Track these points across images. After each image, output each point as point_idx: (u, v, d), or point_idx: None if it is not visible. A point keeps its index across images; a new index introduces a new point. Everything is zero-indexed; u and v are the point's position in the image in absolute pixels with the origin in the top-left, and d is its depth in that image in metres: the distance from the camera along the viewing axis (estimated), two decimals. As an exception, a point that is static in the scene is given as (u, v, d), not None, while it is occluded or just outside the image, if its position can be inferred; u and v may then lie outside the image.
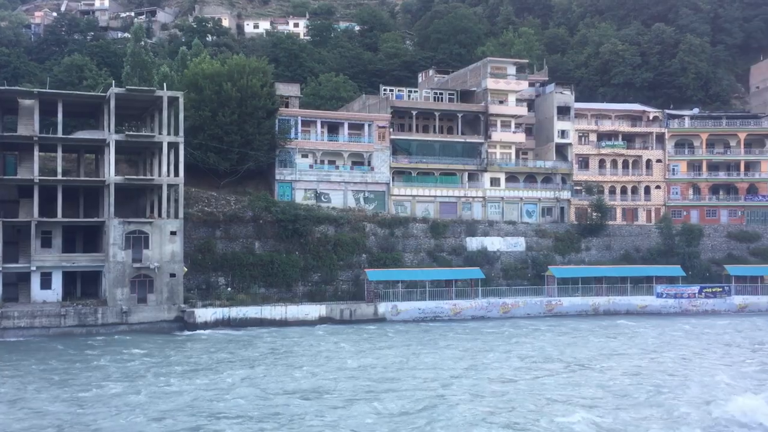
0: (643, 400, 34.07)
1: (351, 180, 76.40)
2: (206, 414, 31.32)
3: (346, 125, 77.85)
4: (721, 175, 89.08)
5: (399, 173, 78.93)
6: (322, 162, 76.62)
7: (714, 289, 69.75)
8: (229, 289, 63.18)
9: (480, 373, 40.01)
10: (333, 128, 78.13)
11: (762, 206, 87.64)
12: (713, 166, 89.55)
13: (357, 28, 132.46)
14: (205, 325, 56.59)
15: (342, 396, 34.92)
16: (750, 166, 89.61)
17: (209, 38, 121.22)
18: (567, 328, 57.80)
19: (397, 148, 79.39)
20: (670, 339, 53.09)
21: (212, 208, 66.99)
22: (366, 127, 77.97)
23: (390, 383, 37.68)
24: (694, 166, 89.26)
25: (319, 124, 77.19)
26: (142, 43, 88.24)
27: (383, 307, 62.62)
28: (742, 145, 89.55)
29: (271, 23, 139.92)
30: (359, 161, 77.91)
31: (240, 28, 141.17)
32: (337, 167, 76.80)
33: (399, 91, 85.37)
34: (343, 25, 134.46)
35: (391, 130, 79.15)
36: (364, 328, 58.02)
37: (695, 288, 69.82)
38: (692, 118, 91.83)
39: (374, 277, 64.36)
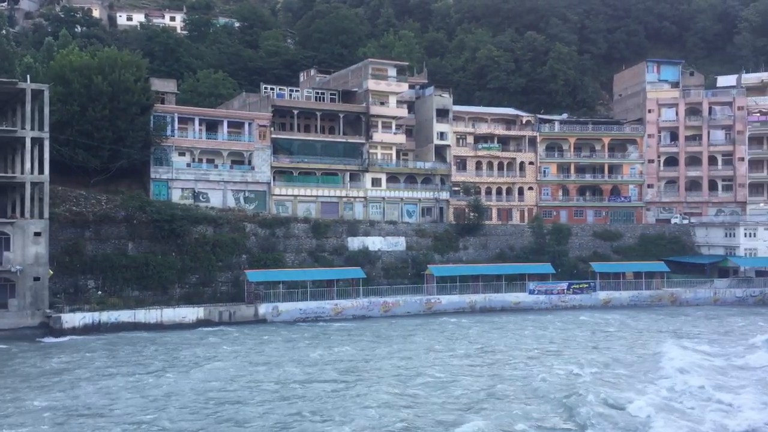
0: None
1: (231, 179, 74.82)
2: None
3: (225, 123, 76.15)
4: (588, 177, 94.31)
5: (280, 173, 78.09)
6: (201, 160, 74.55)
7: (581, 285, 73.33)
8: (100, 292, 60.10)
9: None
10: (212, 126, 76.19)
11: (624, 207, 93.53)
12: (580, 169, 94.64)
13: (237, 24, 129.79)
14: (73, 331, 53.50)
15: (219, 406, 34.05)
16: (613, 168, 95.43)
17: (78, 29, 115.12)
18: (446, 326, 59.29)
19: (279, 148, 78.51)
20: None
21: (81, 207, 63.51)
22: (246, 125, 76.58)
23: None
24: (563, 168, 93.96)
25: (197, 122, 75.04)
26: (4, 32, 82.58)
27: (264, 308, 61.61)
28: (606, 149, 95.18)
29: (146, 16, 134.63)
30: (239, 160, 76.43)
31: (112, 19, 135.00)
32: (216, 166, 74.98)
33: (280, 89, 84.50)
34: (222, 20, 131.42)
35: (272, 129, 78.18)
36: (242, 329, 56.78)
37: (564, 284, 73.13)
38: (561, 122, 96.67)
39: (254, 278, 63.22)
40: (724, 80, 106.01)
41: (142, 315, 56.93)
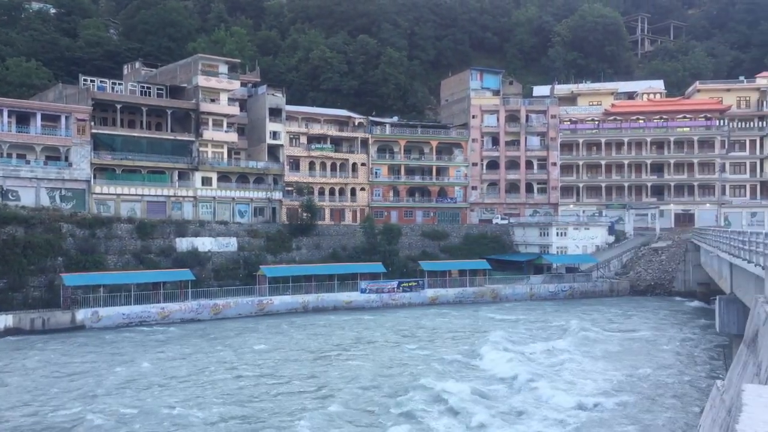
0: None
1: (45, 176, 69.46)
2: None
3: (39, 116, 70.54)
4: (417, 179, 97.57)
5: (101, 170, 73.68)
6: (10, 155, 68.52)
7: (410, 284, 75.50)
8: None
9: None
10: (23, 118, 70.28)
11: (450, 207, 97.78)
12: (410, 171, 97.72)
13: (53, 10, 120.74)
14: None
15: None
16: (441, 171, 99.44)
17: None
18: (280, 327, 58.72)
19: (100, 144, 74.01)
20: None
21: None
22: (63, 119, 71.45)
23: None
24: (394, 169, 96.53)
25: (5, 113, 68.89)
26: None
27: (82, 314, 57.60)
28: (434, 152, 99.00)
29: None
30: (55, 156, 71.13)
31: None
32: (28, 162, 69.26)
33: (101, 82, 79.76)
34: (36, 5, 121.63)
35: (93, 123, 73.56)
36: (57, 337, 52.78)
37: (394, 283, 74.92)
38: (392, 125, 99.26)
39: (72, 282, 58.94)
40: (539, 90, 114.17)
41: (-61, 325, 51.28)
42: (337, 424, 30.01)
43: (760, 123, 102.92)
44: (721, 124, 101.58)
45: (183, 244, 72.46)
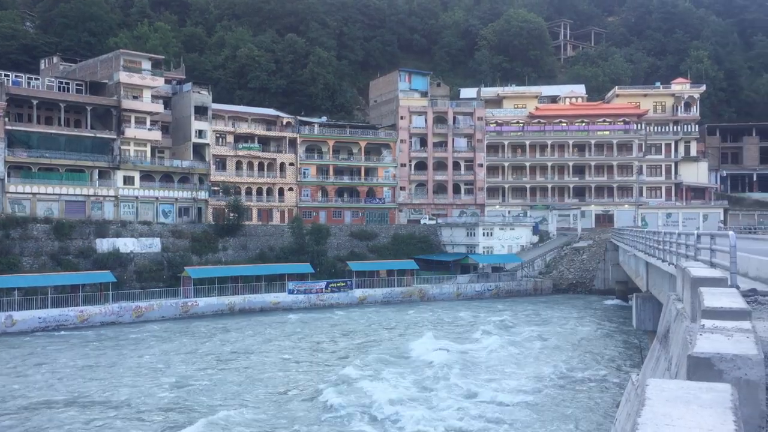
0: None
1: (-46, 174, 66.21)
2: None
3: (-53, 110, 67.20)
4: (346, 179, 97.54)
5: (16, 168, 70.72)
6: None
7: (338, 284, 75.35)
8: None
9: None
10: (-70, 113, 66.81)
11: (378, 207, 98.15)
12: (339, 171, 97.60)
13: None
14: None
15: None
16: (369, 171, 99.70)
17: None
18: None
19: (14, 141, 71.03)
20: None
21: None
22: (-26, 114, 68.24)
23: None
24: (323, 170, 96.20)
25: None
26: None
27: (-5, 319, 55.14)
28: (363, 153, 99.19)
29: None
30: (-35, 153, 67.90)
31: None
32: (-64, 159, 65.94)
33: (16, 76, 76.60)
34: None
35: (7, 120, 70.47)
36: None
37: (322, 284, 74.57)
38: (321, 125, 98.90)
39: (-16, 286, 56.35)
40: (466, 92, 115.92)
41: None
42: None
43: (675, 127, 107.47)
44: (639, 128, 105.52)
45: (103, 245, 70.28)
